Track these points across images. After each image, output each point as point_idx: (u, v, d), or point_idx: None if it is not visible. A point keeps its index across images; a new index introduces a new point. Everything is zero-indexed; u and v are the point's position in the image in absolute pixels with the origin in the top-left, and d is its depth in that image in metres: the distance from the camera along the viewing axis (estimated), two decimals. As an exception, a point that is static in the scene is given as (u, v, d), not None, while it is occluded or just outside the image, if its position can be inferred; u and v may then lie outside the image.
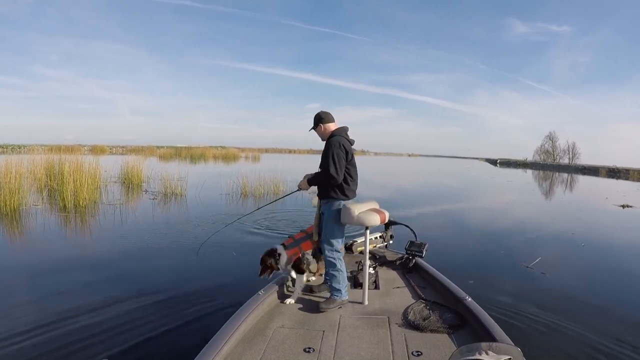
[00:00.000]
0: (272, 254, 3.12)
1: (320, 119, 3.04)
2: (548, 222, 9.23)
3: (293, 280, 3.20)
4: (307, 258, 3.18)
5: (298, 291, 3.08)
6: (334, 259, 2.94)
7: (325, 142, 3.03)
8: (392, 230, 4.27)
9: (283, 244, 3.18)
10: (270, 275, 3.13)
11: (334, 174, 2.84)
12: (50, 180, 10.47)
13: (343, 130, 3.04)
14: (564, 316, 3.54)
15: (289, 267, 3.14)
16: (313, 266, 3.23)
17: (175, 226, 6.84)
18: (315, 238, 3.12)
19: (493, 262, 5.41)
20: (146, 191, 11.16)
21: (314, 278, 3.37)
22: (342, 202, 2.94)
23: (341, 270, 2.94)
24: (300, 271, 3.14)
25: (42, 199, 9.34)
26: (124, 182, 12.45)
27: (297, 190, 3.22)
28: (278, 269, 3.12)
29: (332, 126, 3.05)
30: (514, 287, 4.26)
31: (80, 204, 8.66)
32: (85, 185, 9.00)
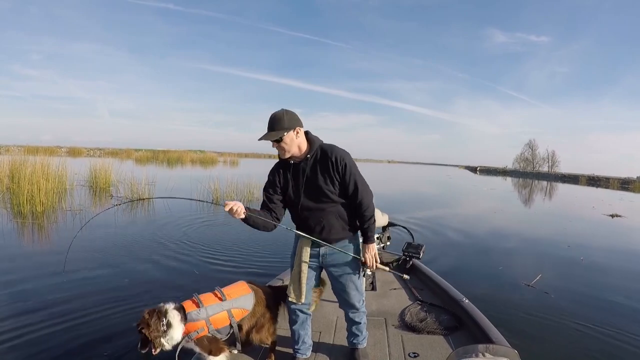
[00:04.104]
0: (150, 319, 1.85)
1: (294, 122, 1.91)
2: (539, 233, 8.87)
3: None
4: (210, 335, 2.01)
5: None
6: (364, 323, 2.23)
7: (310, 157, 1.97)
8: (390, 232, 4.18)
9: (182, 306, 1.97)
10: (149, 350, 1.90)
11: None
12: (12, 183, 10.00)
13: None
14: (563, 321, 3.54)
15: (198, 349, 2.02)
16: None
17: (135, 237, 6.49)
18: (303, 300, 2.07)
19: (491, 280, 4.98)
20: (112, 196, 10.74)
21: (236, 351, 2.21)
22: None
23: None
24: (216, 352, 2.03)
25: (3, 203, 8.89)
26: (91, 186, 11.99)
27: (370, 271, 2.21)
28: (160, 345, 1.87)
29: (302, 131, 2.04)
30: (515, 304, 4.07)
31: (37, 209, 8.22)
32: (44, 189, 8.57)
